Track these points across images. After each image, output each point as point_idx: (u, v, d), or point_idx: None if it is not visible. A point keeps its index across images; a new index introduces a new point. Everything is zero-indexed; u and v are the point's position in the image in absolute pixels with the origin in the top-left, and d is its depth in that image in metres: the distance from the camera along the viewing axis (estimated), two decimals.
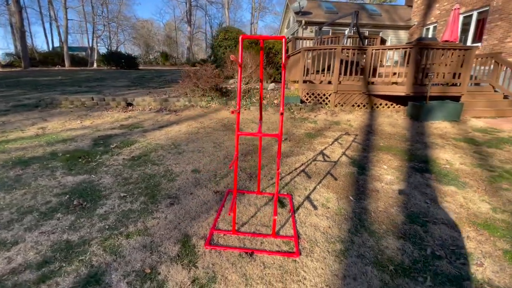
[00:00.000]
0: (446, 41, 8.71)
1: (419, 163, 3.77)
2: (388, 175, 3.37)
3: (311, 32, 12.97)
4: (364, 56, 6.06)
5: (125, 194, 2.68)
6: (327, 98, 6.44)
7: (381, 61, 6.07)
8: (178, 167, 3.34)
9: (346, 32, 6.98)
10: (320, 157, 3.88)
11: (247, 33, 29.18)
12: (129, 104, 6.56)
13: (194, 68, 7.06)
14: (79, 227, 2.18)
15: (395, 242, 2.15)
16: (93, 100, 6.68)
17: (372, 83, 6.10)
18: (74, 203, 2.51)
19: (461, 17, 10.03)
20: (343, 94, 6.32)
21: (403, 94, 5.85)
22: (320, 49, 6.28)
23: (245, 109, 6.11)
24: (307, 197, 2.79)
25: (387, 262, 1.92)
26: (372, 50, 5.93)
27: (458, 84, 5.92)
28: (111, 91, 8.11)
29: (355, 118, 5.92)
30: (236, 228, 2.19)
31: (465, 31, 10.36)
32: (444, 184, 3.17)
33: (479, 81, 7.11)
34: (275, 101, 6.47)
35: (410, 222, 2.42)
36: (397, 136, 4.94)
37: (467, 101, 6.08)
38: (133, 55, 23.85)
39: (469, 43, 10.26)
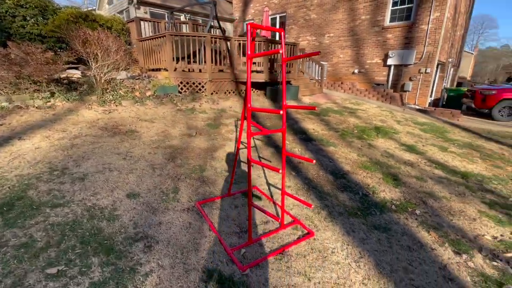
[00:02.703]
0: (264, 36, 11.00)
1: (302, 135, 4.93)
2: (295, 148, 4.20)
3: (145, 13, 11.61)
4: (228, 45, 6.53)
5: (62, 268, 1.63)
6: (203, 87, 6.42)
7: (243, 51, 6.82)
8: (102, 199, 2.35)
9: (209, 22, 7.04)
10: (240, 145, 4.07)
11: None
12: None
13: (4, 50, 4.40)
14: None
15: (342, 194, 2.93)
16: None
17: (238, 71, 6.78)
18: None
19: (270, 18, 12.84)
20: (217, 82, 6.57)
21: (263, 80, 7.01)
22: (189, 36, 6.01)
23: (116, 105, 4.83)
24: (268, 184, 3.00)
25: (351, 208, 2.63)
26: (235, 41, 6.52)
27: (290, 72, 7.92)
28: None
29: (234, 104, 6.42)
30: (248, 236, 2.06)
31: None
32: (326, 146, 4.44)
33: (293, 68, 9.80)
34: (148, 93, 5.59)
35: (337, 178, 3.31)
36: (272, 116, 6.00)
37: (296, 84, 8.29)
38: None
39: (277, 38, 13.48)
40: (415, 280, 1.84)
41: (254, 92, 7.54)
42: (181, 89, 6.24)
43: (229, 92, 6.95)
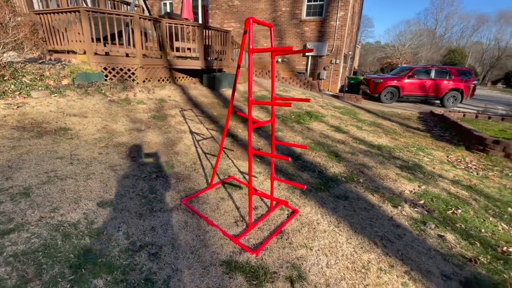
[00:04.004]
0: (186, 19, 10.41)
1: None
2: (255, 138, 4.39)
3: None
4: (159, 28, 5.91)
5: None
6: (133, 73, 5.65)
7: (176, 35, 6.28)
8: (69, 214, 1.96)
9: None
10: (196, 137, 3.95)
11: None
12: None
13: None
14: None
15: (304, 173, 3.34)
16: None
17: (172, 57, 6.28)
18: None
19: (191, 1, 12.12)
20: (149, 69, 5.90)
21: (199, 68, 6.75)
22: (112, 14, 5.10)
23: (24, 97, 3.75)
24: (241, 173, 3.10)
25: (316, 184, 3.08)
26: (166, 23, 5.96)
27: (222, 60, 7.88)
28: None
29: (172, 93, 5.97)
30: (248, 223, 2.17)
31: (195, 13, 12.75)
32: (274, 132, 4.81)
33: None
34: (65, 81, 4.55)
35: (295, 160, 3.72)
36: (216, 105, 5.95)
37: (228, 72, 8.33)
38: None
39: (200, 22, 12.90)
40: (378, 232, 2.40)
41: (188, 79, 7.19)
42: (106, 76, 5.36)
43: (163, 80, 6.40)
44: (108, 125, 3.68)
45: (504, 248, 2.41)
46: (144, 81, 5.90)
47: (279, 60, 11.11)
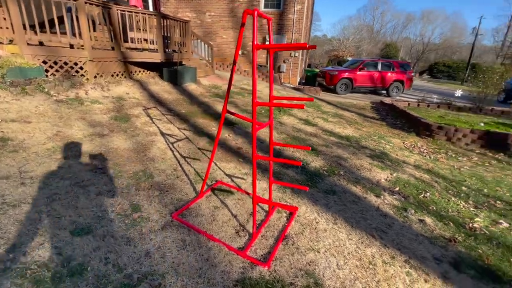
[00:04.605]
0: (134, 6, 9.44)
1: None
2: (225, 134, 4.19)
3: None
4: (108, 16, 5.14)
5: None
6: (81, 68, 4.83)
7: (130, 25, 5.55)
8: (35, 251, 1.58)
9: None
10: (169, 139, 3.60)
11: None
12: None
13: None
14: None
15: (288, 170, 3.32)
16: None
17: (127, 49, 5.57)
18: None
19: None
20: (100, 63, 5.12)
21: (158, 61, 6.14)
22: None
23: None
24: (228, 176, 2.92)
25: (302, 181, 3.07)
26: (118, 10, 5.23)
27: (181, 52, 7.34)
28: None
29: (130, 90, 5.32)
30: (252, 232, 2.03)
31: (145, 1, 11.58)
32: (249, 128, 4.68)
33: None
34: None
35: (276, 157, 3.66)
36: (182, 101, 5.53)
37: (189, 65, 7.81)
38: None
39: (151, 9, 11.78)
40: (371, 223, 2.49)
41: (146, 73, 6.52)
42: (47, 71, 4.49)
43: (118, 75, 5.68)
44: (62, 131, 3.09)
45: (470, 225, 2.73)
46: (95, 77, 5.13)
47: (239, 52, 10.89)
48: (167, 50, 6.46)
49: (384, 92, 12.32)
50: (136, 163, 2.80)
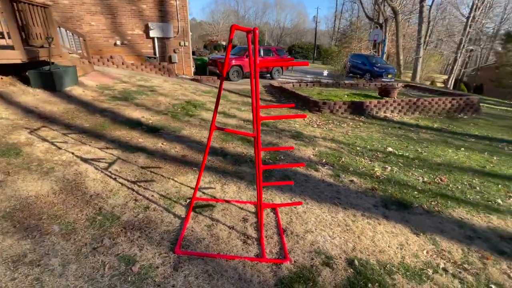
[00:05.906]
0: None
1: (140, 126, 4.36)
2: (159, 144, 3.78)
3: None
4: None
5: None
6: None
7: None
8: None
9: None
10: (98, 164, 2.92)
11: None
12: None
13: None
14: None
15: (244, 168, 3.48)
16: None
17: None
18: None
19: None
20: None
21: (19, 61, 4.44)
22: None
23: None
24: (198, 189, 2.76)
25: (269, 177, 3.34)
26: None
27: (53, 46, 5.59)
28: None
29: None
30: (260, 237, 2.13)
31: None
32: (177, 132, 4.42)
33: None
34: None
35: (223, 157, 3.71)
36: (76, 112, 4.38)
37: (60, 62, 6.08)
38: None
39: None
40: (327, 194, 3.07)
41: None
42: None
43: None
44: None
45: (375, 174, 3.83)
46: None
47: (118, 43, 9.29)
48: (29, 46, 4.78)
49: (268, 75, 13.87)
50: (81, 207, 2.18)
